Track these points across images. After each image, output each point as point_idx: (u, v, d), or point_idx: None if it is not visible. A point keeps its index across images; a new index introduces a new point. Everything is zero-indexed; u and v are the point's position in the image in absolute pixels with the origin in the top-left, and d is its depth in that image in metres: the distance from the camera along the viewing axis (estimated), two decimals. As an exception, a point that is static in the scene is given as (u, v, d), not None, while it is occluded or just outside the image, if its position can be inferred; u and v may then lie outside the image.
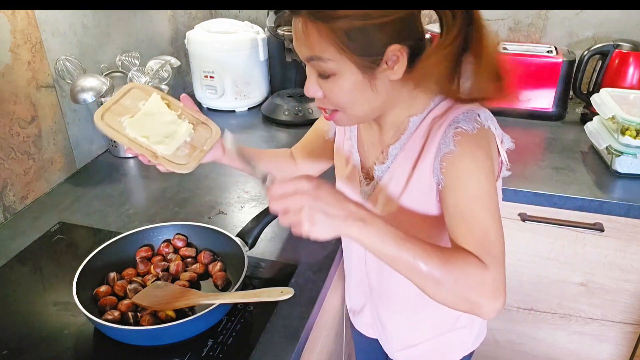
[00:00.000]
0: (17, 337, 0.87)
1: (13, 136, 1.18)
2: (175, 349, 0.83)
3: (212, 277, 0.96)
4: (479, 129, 0.77)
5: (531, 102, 1.63)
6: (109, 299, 0.89)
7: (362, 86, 0.76)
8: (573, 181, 1.31)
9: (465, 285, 0.69)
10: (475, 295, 0.68)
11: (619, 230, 1.29)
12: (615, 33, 1.66)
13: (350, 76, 0.74)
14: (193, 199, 1.26)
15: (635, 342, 1.46)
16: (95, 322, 0.81)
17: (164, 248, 1.01)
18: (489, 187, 0.75)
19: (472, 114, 0.77)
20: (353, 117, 0.81)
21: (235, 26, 1.73)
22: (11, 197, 1.20)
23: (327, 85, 0.77)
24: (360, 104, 0.78)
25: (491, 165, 0.77)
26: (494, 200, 0.76)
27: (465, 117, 0.77)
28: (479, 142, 0.76)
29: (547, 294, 1.45)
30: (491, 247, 0.72)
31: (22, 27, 1.17)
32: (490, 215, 0.74)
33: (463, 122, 0.76)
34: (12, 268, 1.04)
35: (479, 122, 0.77)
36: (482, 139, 0.77)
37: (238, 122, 1.72)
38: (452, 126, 0.77)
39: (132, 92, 0.89)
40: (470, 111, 0.78)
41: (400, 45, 0.73)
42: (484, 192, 0.75)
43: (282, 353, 0.84)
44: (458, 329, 0.99)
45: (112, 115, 0.85)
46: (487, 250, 0.71)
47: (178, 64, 1.50)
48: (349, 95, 0.77)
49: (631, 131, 1.26)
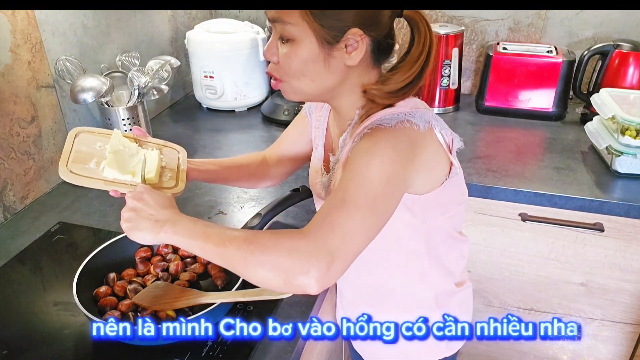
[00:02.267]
0: (17, 337, 0.87)
1: (13, 136, 1.18)
2: (175, 349, 0.83)
3: (212, 277, 0.97)
4: (396, 125, 0.74)
5: (531, 102, 1.63)
6: (109, 300, 0.89)
7: (317, 59, 0.76)
8: (573, 181, 1.31)
9: (275, 251, 0.65)
10: (286, 262, 0.64)
11: (619, 230, 1.29)
12: (615, 33, 1.66)
13: (308, 45, 0.75)
14: (193, 199, 1.26)
15: (635, 342, 1.46)
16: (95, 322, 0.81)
17: (163, 248, 1.01)
18: (378, 169, 0.70)
19: (401, 116, 0.75)
20: (299, 90, 0.81)
21: (235, 26, 1.73)
22: (11, 197, 1.20)
23: (283, 51, 0.77)
24: (309, 78, 0.78)
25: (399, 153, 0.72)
26: (374, 183, 0.69)
27: (393, 117, 0.75)
28: (396, 132, 0.74)
29: (547, 294, 1.45)
30: (333, 218, 0.66)
31: (22, 27, 1.17)
32: (356, 194, 0.68)
33: (387, 120, 0.75)
34: (12, 268, 1.04)
35: (406, 123, 0.74)
36: (401, 131, 0.74)
37: (238, 122, 1.72)
38: (375, 122, 0.76)
39: (81, 137, 0.86)
40: (401, 114, 0.76)
41: (362, 32, 0.74)
42: (369, 172, 0.69)
43: (282, 353, 0.84)
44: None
45: (78, 165, 0.80)
46: (317, 224, 0.67)
47: (178, 64, 1.50)
48: (301, 65, 0.77)
49: (631, 131, 1.26)
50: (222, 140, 1.60)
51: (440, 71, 1.66)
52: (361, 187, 0.69)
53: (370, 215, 0.68)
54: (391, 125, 0.74)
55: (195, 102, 1.85)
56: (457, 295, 0.99)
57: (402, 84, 0.78)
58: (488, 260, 1.44)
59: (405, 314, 0.96)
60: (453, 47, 1.64)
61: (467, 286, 1.02)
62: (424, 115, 0.77)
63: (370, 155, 0.71)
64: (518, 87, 1.62)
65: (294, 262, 0.64)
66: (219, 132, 1.65)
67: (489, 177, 1.33)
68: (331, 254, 0.64)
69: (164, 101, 1.80)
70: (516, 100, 1.64)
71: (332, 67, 0.77)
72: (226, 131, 1.66)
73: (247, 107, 1.80)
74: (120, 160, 0.82)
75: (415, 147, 0.75)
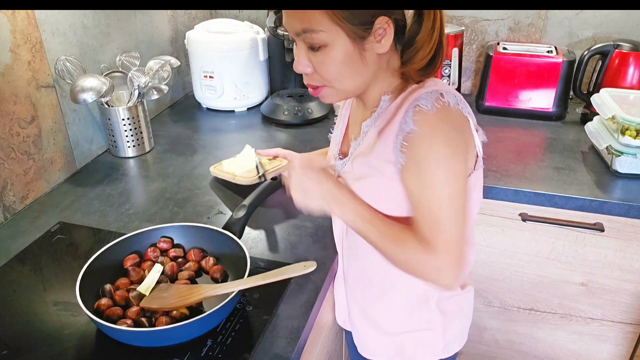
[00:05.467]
0: (17, 337, 0.87)
1: (13, 136, 1.18)
2: (175, 349, 0.83)
3: (209, 272, 0.96)
4: (440, 109, 0.75)
5: (531, 102, 1.63)
6: (113, 310, 0.86)
7: (353, 57, 0.77)
8: (573, 181, 1.31)
9: (410, 264, 0.80)
10: (419, 274, 0.80)
11: (619, 230, 1.29)
12: (615, 33, 1.66)
13: (342, 47, 0.76)
14: (192, 199, 1.26)
15: (635, 342, 1.46)
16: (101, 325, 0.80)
17: (151, 253, 0.98)
18: (447, 173, 0.76)
19: (434, 93, 0.77)
20: (341, 91, 0.82)
21: (235, 26, 1.73)
22: (11, 197, 1.20)
23: (317, 59, 0.77)
24: (350, 77, 0.79)
25: (457, 149, 0.76)
26: (451, 187, 0.76)
27: (427, 95, 0.76)
28: (441, 123, 0.76)
29: (547, 294, 1.45)
30: (439, 234, 0.77)
31: (22, 27, 1.17)
32: (443, 205, 0.76)
33: (423, 100, 0.76)
34: (12, 268, 1.04)
35: (440, 101, 0.76)
36: (445, 120, 0.76)
37: (237, 122, 1.72)
38: (412, 104, 0.77)
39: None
40: (435, 91, 0.77)
41: (387, 17, 0.75)
42: (440, 181, 0.76)
43: (282, 353, 0.84)
44: (427, 329, 0.97)
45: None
46: (433, 236, 0.77)
47: (178, 64, 1.51)
48: (340, 67, 0.77)
49: (631, 131, 1.26)
50: (221, 140, 1.60)
51: (440, 71, 1.66)
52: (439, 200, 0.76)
53: (462, 216, 0.78)
54: (432, 110, 0.75)
55: (195, 102, 1.85)
56: (459, 297, 0.99)
57: (428, 57, 0.79)
58: (488, 260, 1.44)
59: (404, 311, 0.96)
60: (453, 47, 1.64)
61: (469, 290, 1.02)
62: (458, 97, 0.78)
63: (432, 166, 0.76)
64: (518, 87, 1.62)
65: (424, 276, 0.80)
66: (219, 132, 1.65)
67: (489, 177, 1.33)
68: (452, 268, 0.77)
69: (164, 101, 1.80)
70: (516, 100, 1.64)
71: (367, 59, 0.78)
72: (226, 131, 1.66)
73: (246, 107, 1.80)
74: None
75: (462, 132, 0.78)
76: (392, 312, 0.98)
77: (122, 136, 1.44)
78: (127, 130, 1.44)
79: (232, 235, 0.96)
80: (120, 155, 1.47)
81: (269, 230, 1.14)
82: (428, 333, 0.98)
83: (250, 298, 0.93)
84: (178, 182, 1.34)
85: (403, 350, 1.00)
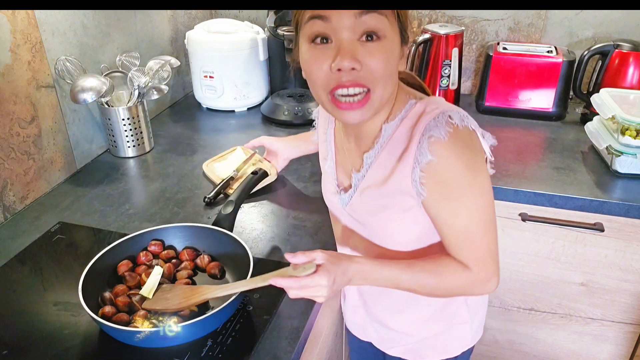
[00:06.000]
0: (17, 337, 0.87)
1: (13, 136, 1.18)
2: (175, 349, 0.83)
3: (206, 270, 0.96)
4: (453, 132, 0.74)
5: (531, 102, 1.63)
6: (119, 317, 0.85)
7: (396, 62, 0.75)
8: (573, 181, 1.31)
9: (457, 291, 0.85)
10: (467, 293, 0.86)
11: (619, 230, 1.29)
12: (615, 33, 1.66)
13: (394, 44, 0.73)
14: (192, 199, 1.26)
15: (635, 342, 1.46)
16: (105, 326, 0.80)
17: (144, 257, 0.97)
18: (474, 193, 0.76)
19: (442, 118, 0.75)
20: (380, 100, 0.75)
21: (235, 26, 1.73)
22: (11, 197, 1.20)
23: (368, 50, 0.71)
24: (391, 82, 0.75)
25: (476, 164, 0.76)
26: (480, 205, 0.77)
27: (436, 122, 0.75)
28: (457, 147, 0.75)
29: (547, 294, 1.45)
30: (478, 252, 0.79)
31: (22, 27, 1.17)
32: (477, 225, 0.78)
33: (435, 129, 0.74)
34: (12, 268, 1.04)
35: (451, 124, 0.74)
36: (459, 142, 0.75)
37: (237, 122, 1.72)
38: (425, 135, 0.75)
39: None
40: (441, 114, 0.75)
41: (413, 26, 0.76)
42: (469, 204, 0.77)
43: (282, 353, 0.83)
44: (457, 324, 0.99)
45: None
46: (472, 256, 0.80)
47: (178, 64, 1.51)
48: (388, 64, 0.73)
49: (631, 131, 1.26)
50: (222, 140, 1.59)
51: (440, 71, 1.66)
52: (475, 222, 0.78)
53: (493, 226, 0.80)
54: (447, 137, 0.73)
55: (195, 102, 1.85)
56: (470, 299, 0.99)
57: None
58: (488, 260, 1.44)
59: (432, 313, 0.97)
60: (453, 47, 1.64)
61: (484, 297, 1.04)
62: (462, 114, 0.77)
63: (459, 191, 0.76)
64: (518, 87, 1.62)
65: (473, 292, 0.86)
66: (219, 132, 1.65)
67: (489, 177, 1.33)
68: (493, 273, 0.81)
69: (164, 101, 1.80)
70: (516, 100, 1.64)
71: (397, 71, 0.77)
72: (226, 131, 1.66)
73: (247, 107, 1.80)
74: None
75: (475, 147, 0.78)
76: (419, 318, 0.98)
77: (122, 136, 1.44)
78: (127, 130, 1.44)
79: (224, 230, 0.97)
80: (120, 155, 1.47)
81: (269, 230, 1.14)
82: (459, 327, 0.99)
83: (250, 298, 0.93)
84: (178, 182, 1.34)
85: (435, 346, 1.01)
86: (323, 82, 0.74)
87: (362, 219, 0.89)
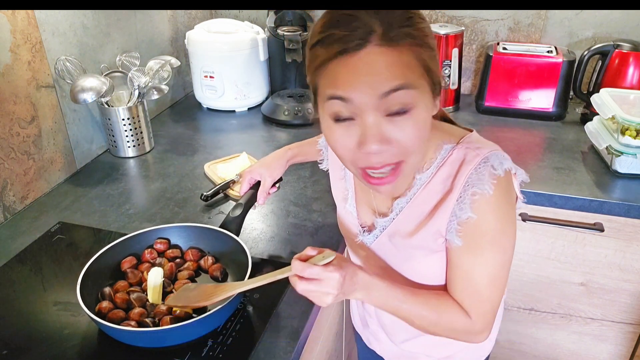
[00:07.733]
0: (17, 337, 0.87)
1: (13, 136, 1.18)
2: (175, 349, 0.83)
3: (209, 271, 0.96)
4: (497, 184, 0.70)
5: (531, 102, 1.63)
6: (115, 313, 0.85)
7: (428, 120, 0.67)
8: (573, 181, 1.31)
9: (449, 333, 0.82)
10: (455, 338, 0.82)
11: (619, 230, 1.29)
12: (615, 33, 1.66)
13: (424, 108, 0.66)
14: (193, 199, 1.26)
15: (635, 342, 1.46)
16: (103, 325, 0.80)
17: (148, 254, 0.98)
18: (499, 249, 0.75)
19: (484, 169, 0.71)
20: (414, 165, 0.72)
21: (235, 26, 1.73)
22: (11, 197, 1.20)
23: (396, 126, 0.65)
24: (422, 146, 0.70)
25: (509, 216, 0.75)
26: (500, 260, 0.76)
27: (479, 176, 0.71)
28: (498, 202, 0.72)
29: (547, 294, 1.45)
30: (480, 304, 0.78)
31: (22, 27, 1.17)
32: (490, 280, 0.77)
33: (479, 184, 0.71)
34: (12, 268, 1.04)
35: (494, 176, 0.71)
36: (500, 196, 0.72)
37: (238, 122, 1.72)
38: (467, 191, 0.72)
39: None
40: (482, 164, 0.72)
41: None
42: (491, 257, 0.76)
43: (282, 353, 0.84)
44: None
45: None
46: (474, 306, 0.79)
47: (178, 64, 1.51)
48: (421, 133, 0.67)
49: (631, 131, 1.26)
50: (222, 140, 1.60)
51: (440, 72, 1.66)
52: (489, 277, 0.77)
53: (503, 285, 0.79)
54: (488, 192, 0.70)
55: (196, 102, 1.85)
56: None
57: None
58: (488, 260, 1.44)
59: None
60: (453, 47, 1.64)
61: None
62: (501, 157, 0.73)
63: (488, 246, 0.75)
64: (518, 87, 1.62)
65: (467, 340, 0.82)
66: (219, 132, 1.65)
67: (489, 177, 1.33)
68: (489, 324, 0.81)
69: (164, 101, 1.80)
70: (516, 100, 1.64)
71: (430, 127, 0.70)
72: (226, 131, 1.66)
73: (247, 107, 1.80)
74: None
75: (511, 195, 0.75)
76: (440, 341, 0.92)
77: (122, 136, 1.44)
78: (127, 130, 1.44)
79: (230, 234, 0.96)
80: (120, 155, 1.47)
81: (269, 230, 1.15)
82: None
83: (250, 298, 0.93)
84: (178, 182, 1.34)
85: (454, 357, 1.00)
86: (351, 159, 0.70)
87: (387, 258, 0.88)
